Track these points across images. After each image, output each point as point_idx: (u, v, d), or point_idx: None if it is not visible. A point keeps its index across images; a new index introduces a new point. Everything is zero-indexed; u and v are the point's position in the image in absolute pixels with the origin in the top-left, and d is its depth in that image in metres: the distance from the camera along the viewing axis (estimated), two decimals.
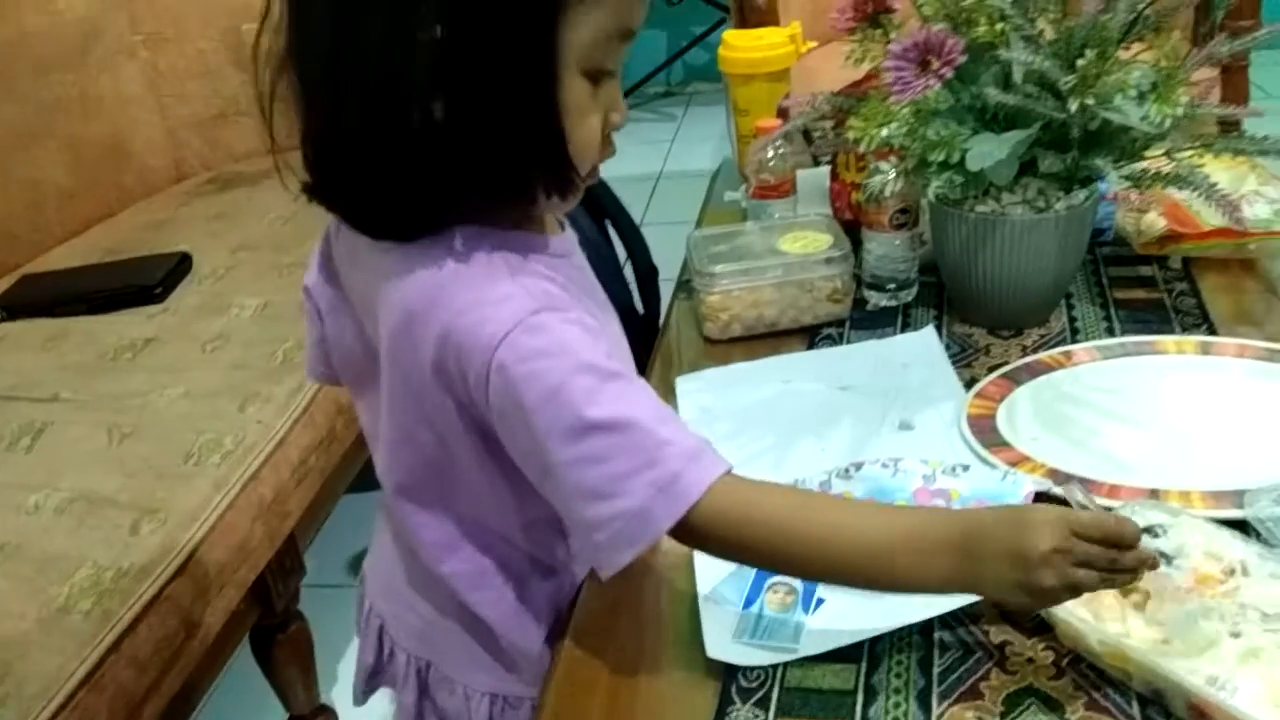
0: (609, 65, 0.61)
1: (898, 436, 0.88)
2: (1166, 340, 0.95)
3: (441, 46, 0.56)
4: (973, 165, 0.91)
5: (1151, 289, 1.07)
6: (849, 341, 1.04)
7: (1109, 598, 0.64)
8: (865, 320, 1.08)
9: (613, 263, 1.83)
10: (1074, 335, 1.01)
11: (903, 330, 1.05)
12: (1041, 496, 0.77)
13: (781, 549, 0.62)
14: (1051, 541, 0.57)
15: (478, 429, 0.64)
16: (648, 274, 1.50)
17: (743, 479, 0.62)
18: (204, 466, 1.03)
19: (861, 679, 0.67)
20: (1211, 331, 0.98)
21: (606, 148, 0.64)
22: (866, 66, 0.94)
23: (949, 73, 0.85)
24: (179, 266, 1.40)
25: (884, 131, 0.92)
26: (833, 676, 0.67)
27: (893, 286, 1.10)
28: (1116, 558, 0.58)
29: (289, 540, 1.13)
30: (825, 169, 1.25)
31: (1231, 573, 0.66)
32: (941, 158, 0.93)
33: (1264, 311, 1.06)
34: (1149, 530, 0.69)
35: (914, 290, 1.10)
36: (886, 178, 0.95)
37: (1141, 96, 0.89)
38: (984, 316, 1.03)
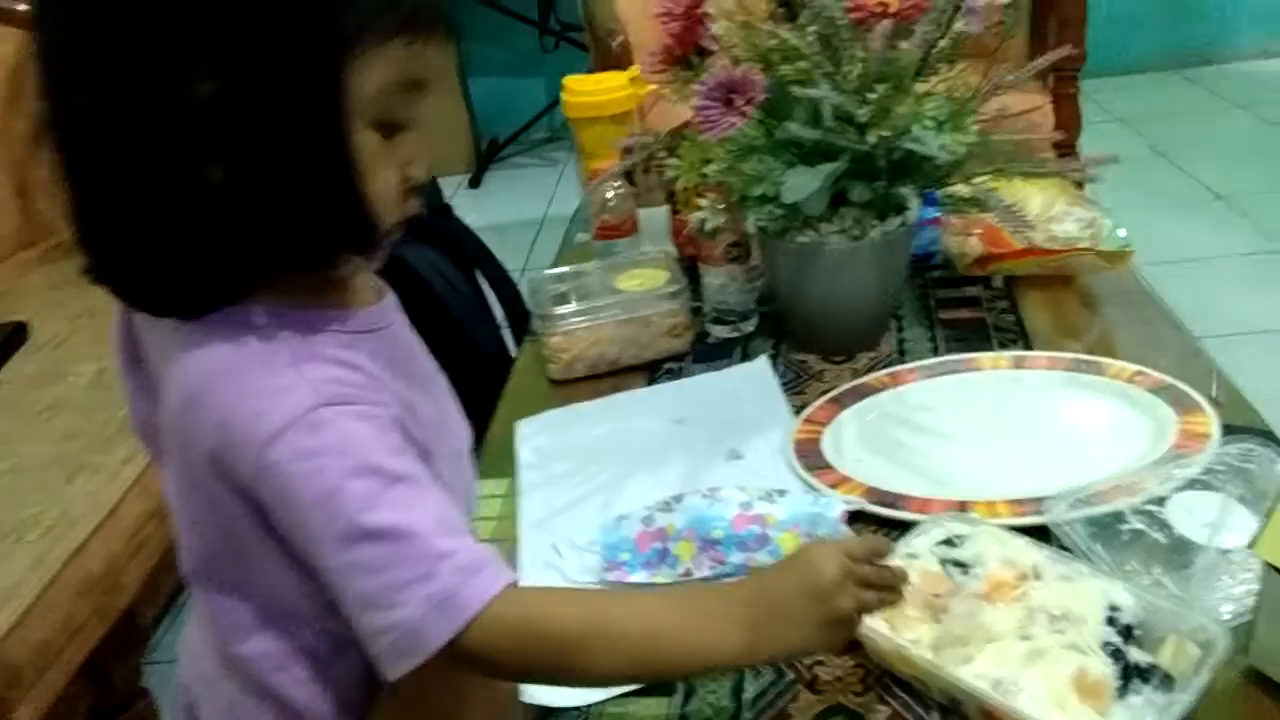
0: (400, 117, 0.58)
1: (728, 466, 0.89)
2: (983, 357, 0.99)
3: (215, 104, 0.52)
4: (787, 198, 0.93)
5: (975, 308, 1.11)
6: (689, 375, 1.06)
7: (910, 609, 0.66)
8: (707, 353, 1.09)
9: (483, 311, 1.83)
10: (903, 356, 1.04)
11: (743, 361, 1.07)
12: (855, 516, 0.79)
13: (566, 658, 0.57)
14: (835, 568, 0.58)
15: (264, 522, 0.59)
16: (520, 319, 1.51)
17: (527, 590, 0.59)
18: (22, 544, 0.98)
19: (676, 711, 0.67)
20: (1028, 347, 1.03)
21: (407, 202, 0.61)
22: (684, 107, 0.96)
23: (751, 110, 0.88)
24: (11, 338, 1.35)
25: (708, 168, 0.94)
26: (646, 711, 0.67)
27: (732, 319, 1.12)
28: (887, 574, 0.60)
29: (126, 615, 1.08)
30: (666, 208, 1.27)
31: (1025, 578, 0.68)
32: (759, 192, 0.96)
33: (1083, 325, 1.11)
34: (948, 541, 0.71)
35: (754, 322, 1.13)
36: (705, 214, 0.97)
37: (940, 126, 0.93)
38: (816, 343, 1.06)
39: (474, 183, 3.31)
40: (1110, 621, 0.62)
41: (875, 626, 0.64)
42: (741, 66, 0.91)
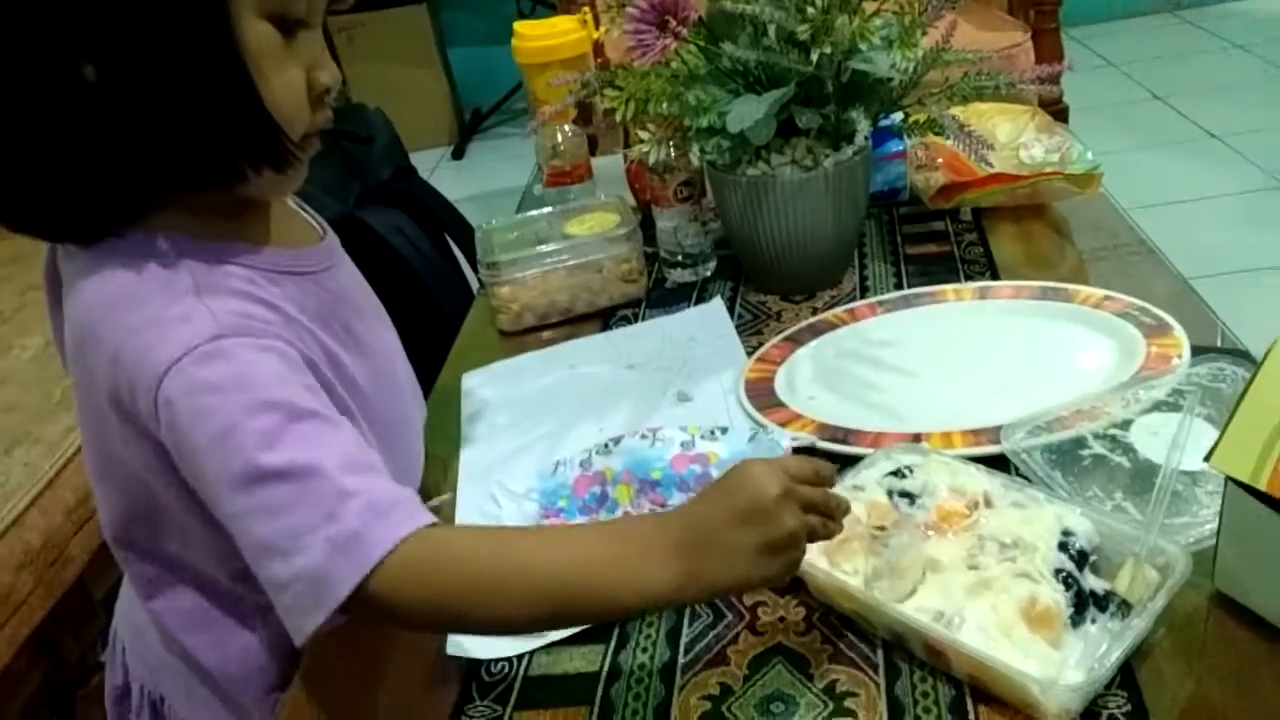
0: (299, 12, 0.54)
1: (675, 409, 0.85)
2: (946, 289, 0.94)
3: None
4: (732, 127, 0.89)
5: (942, 242, 1.07)
6: (645, 321, 1.01)
7: (853, 542, 0.62)
8: (664, 299, 1.05)
9: (450, 273, 1.79)
10: (864, 294, 0.99)
11: (699, 305, 1.02)
12: (800, 450, 0.75)
13: (483, 600, 0.51)
14: (776, 486, 0.52)
15: (169, 468, 0.55)
16: None
17: (439, 530, 0.53)
18: None
19: (608, 659, 0.63)
20: (995, 278, 0.98)
21: (319, 112, 0.57)
22: (616, 34, 0.91)
23: (685, 31, 0.83)
24: None
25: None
26: (580, 659, 0.63)
27: (689, 262, 1.07)
28: (830, 498, 0.55)
29: (75, 587, 1.05)
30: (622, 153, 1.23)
31: (975, 506, 0.64)
32: (704, 123, 0.91)
33: (1055, 255, 1.06)
34: (896, 473, 0.67)
35: (712, 264, 1.08)
36: (648, 147, 0.92)
37: (889, 45, 0.88)
38: (775, 282, 1.02)
39: (457, 154, 3.26)
40: (1063, 548, 0.58)
41: (814, 561, 0.60)
42: None
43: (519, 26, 1.29)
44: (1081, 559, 0.58)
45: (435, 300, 1.64)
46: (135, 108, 0.50)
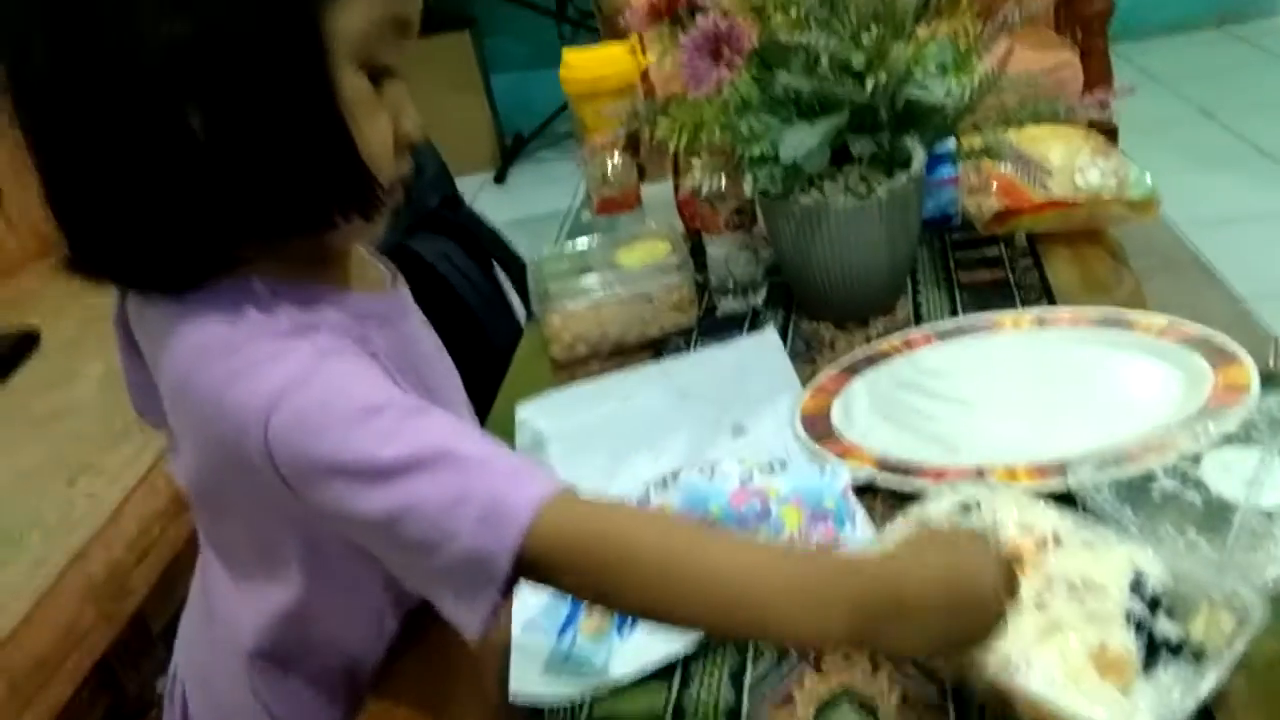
0: (388, 60, 0.55)
1: (731, 441, 0.84)
2: (1004, 316, 0.93)
3: (187, 45, 0.48)
4: (785, 156, 0.89)
5: (996, 269, 1.05)
6: (697, 349, 1.01)
7: None
8: (715, 327, 1.05)
9: (499, 303, 1.80)
10: (918, 322, 0.98)
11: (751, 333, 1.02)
12: (864, 489, 0.74)
13: (639, 582, 0.49)
14: (1005, 597, 0.50)
15: (285, 509, 0.54)
16: None
17: (589, 498, 0.51)
18: (22, 548, 0.97)
19: (672, 701, 0.62)
20: (1052, 304, 0.96)
21: (403, 160, 0.58)
22: (669, 64, 0.91)
23: (739, 62, 0.83)
24: (21, 343, 1.35)
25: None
26: (644, 699, 0.63)
27: (740, 290, 1.07)
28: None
29: (136, 620, 1.06)
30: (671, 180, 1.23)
31: (1044, 544, 0.63)
32: (757, 151, 0.91)
33: (1112, 279, 1.04)
34: (964, 507, 0.66)
35: (763, 292, 1.08)
36: (700, 175, 0.92)
37: (944, 71, 0.87)
38: (827, 311, 1.01)
39: (499, 178, 3.29)
40: (1135, 590, 0.57)
41: None
42: (732, 19, 0.86)
43: (567, 55, 1.30)
44: (1154, 602, 0.57)
45: (483, 328, 1.65)
46: (237, 157, 0.50)
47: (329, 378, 0.52)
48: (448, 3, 3.30)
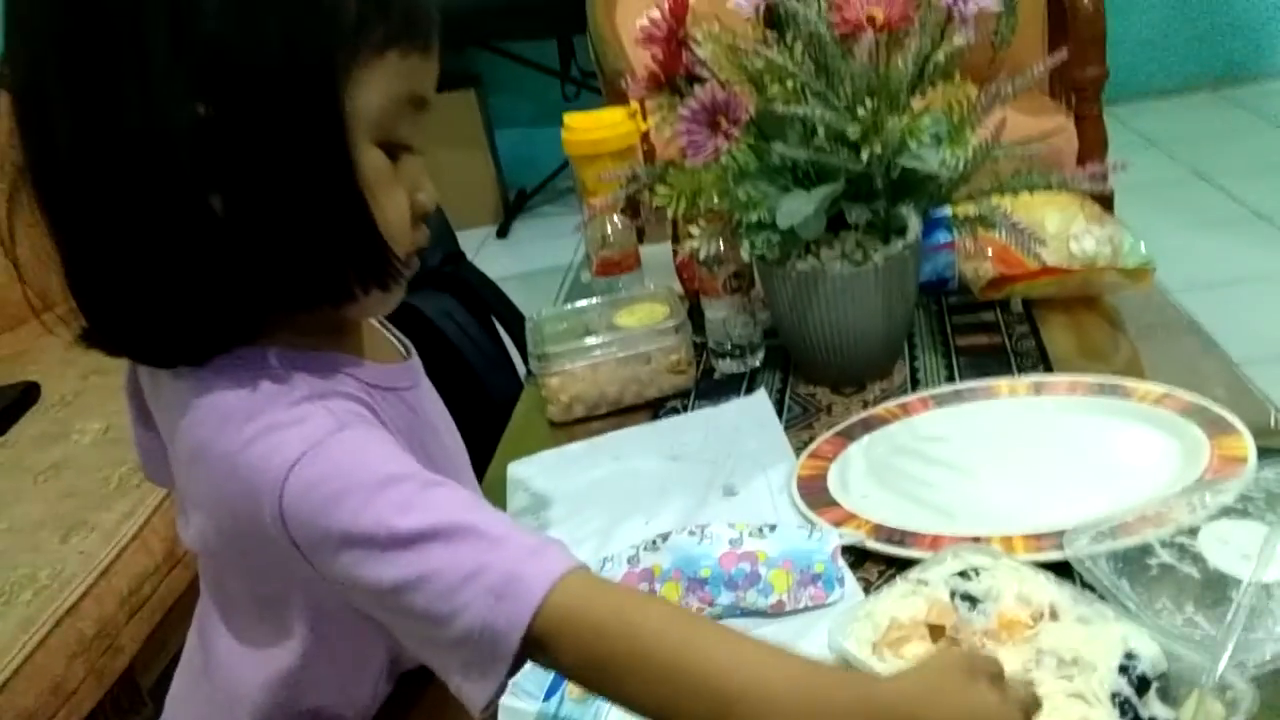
0: (404, 137, 0.56)
1: (722, 503, 0.84)
2: (1000, 383, 0.93)
3: (209, 125, 0.48)
4: (782, 223, 0.89)
5: (993, 334, 1.06)
6: (693, 412, 1.01)
7: (912, 640, 0.60)
8: (712, 390, 1.05)
9: (499, 359, 1.81)
10: (915, 386, 0.99)
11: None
12: (848, 550, 0.74)
13: (653, 663, 0.48)
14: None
15: (294, 574, 0.54)
16: None
17: (603, 580, 0.51)
18: (13, 605, 0.96)
19: None
20: (1049, 371, 0.97)
21: (417, 231, 0.58)
22: (667, 133, 0.93)
23: (737, 132, 0.84)
24: (22, 398, 1.35)
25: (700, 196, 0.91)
26: None
27: (738, 353, 1.07)
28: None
29: (124, 677, 1.05)
30: (669, 243, 1.24)
31: (1040, 617, 0.62)
32: (754, 218, 0.92)
33: (1109, 346, 1.05)
34: (963, 574, 0.66)
35: (760, 355, 1.08)
36: (698, 242, 0.93)
37: (938, 142, 0.89)
38: (824, 375, 1.01)
39: (501, 233, 3.32)
40: (1124, 671, 0.56)
41: (863, 658, 0.59)
42: (730, 89, 0.88)
43: (569, 119, 1.32)
44: (1143, 684, 0.56)
45: (483, 385, 1.66)
46: (257, 234, 0.51)
47: (347, 445, 0.52)
48: (454, 62, 3.35)
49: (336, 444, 0.52)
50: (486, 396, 1.65)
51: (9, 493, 1.16)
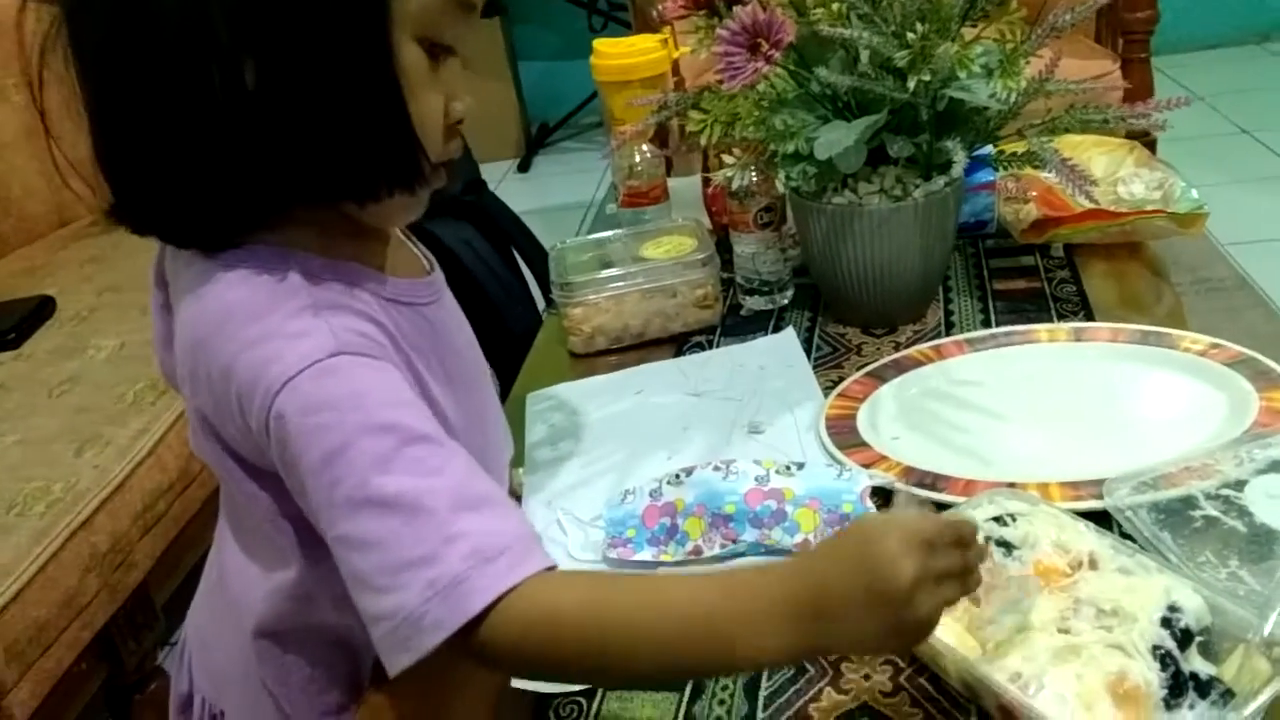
0: (447, 38, 0.53)
1: (747, 441, 0.82)
2: (1039, 329, 0.90)
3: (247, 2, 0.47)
4: (820, 154, 0.86)
5: (1032, 279, 1.02)
6: (718, 348, 0.99)
7: None
8: (738, 326, 1.02)
9: (518, 289, 1.78)
10: (949, 330, 0.96)
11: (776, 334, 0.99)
12: (878, 491, 0.71)
13: (584, 660, 0.49)
14: (912, 570, 0.47)
15: (272, 484, 0.54)
16: None
17: (544, 584, 0.49)
18: (27, 517, 0.95)
19: (682, 709, 0.60)
20: (1090, 319, 0.93)
21: (452, 140, 0.56)
22: (704, 55, 0.89)
23: (778, 56, 0.80)
24: (38, 311, 1.33)
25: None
26: (651, 707, 0.61)
27: (766, 290, 1.04)
28: (968, 560, 0.50)
29: (138, 592, 1.05)
30: (699, 175, 1.21)
31: (1079, 565, 0.60)
32: (791, 148, 0.89)
33: (1151, 296, 1.01)
34: (998, 519, 0.64)
35: (789, 293, 1.05)
36: (732, 172, 0.90)
37: (989, 73, 0.84)
38: (855, 314, 0.98)
39: (523, 167, 3.27)
40: (1166, 624, 0.54)
41: None
42: (772, 10, 0.83)
43: (598, 44, 1.28)
44: (1186, 638, 0.54)
45: (502, 314, 1.63)
46: (288, 116, 0.49)
47: (342, 377, 0.51)
48: None
49: (332, 371, 0.50)
50: (504, 327, 1.62)
51: (24, 405, 1.15)
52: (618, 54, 1.26)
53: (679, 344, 1.01)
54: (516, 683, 0.61)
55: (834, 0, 0.84)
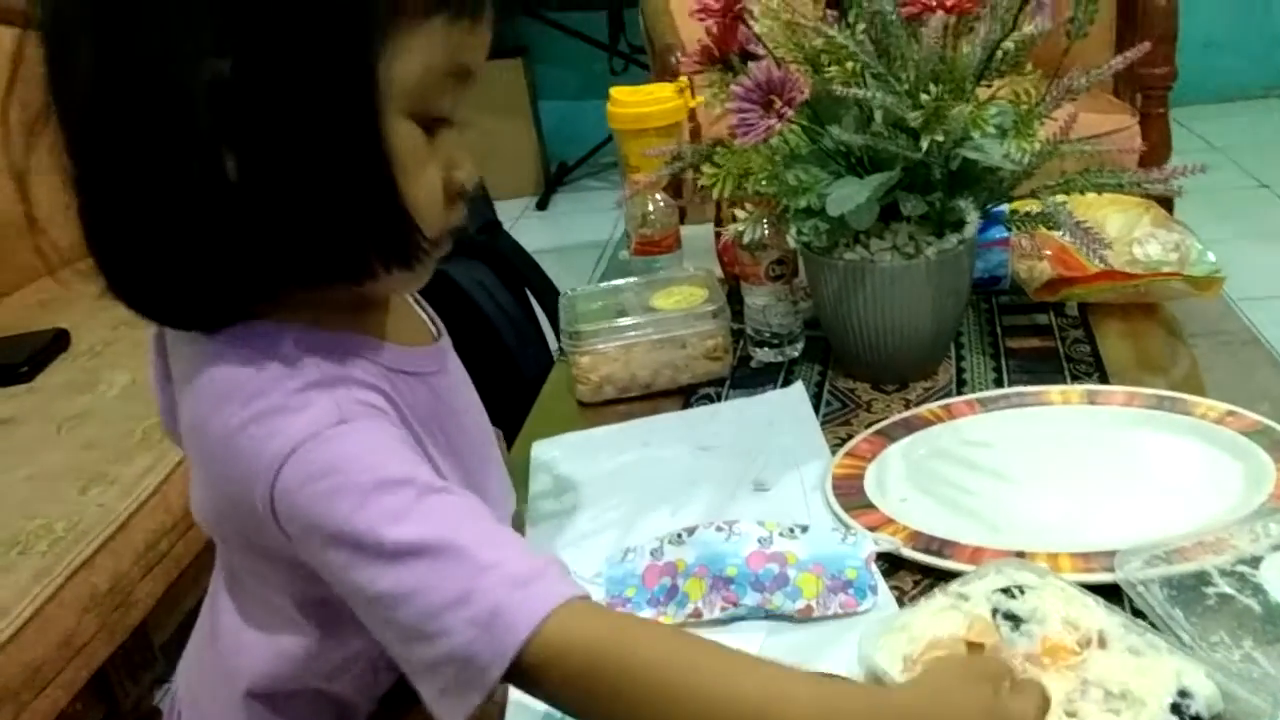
0: (443, 110, 0.52)
1: (751, 499, 0.81)
2: (1052, 390, 0.89)
3: (229, 84, 0.46)
4: (832, 210, 0.86)
5: (1046, 337, 1.01)
6: (726, 400, 0.98)
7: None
8: (747, 379, 1.01)
9: (531, 332, 1.78)
10: (960, 387, 0.95)
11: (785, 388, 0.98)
12: (882, 557, 0.70)
13: (655, 701, 0.47)
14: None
15: (286, 558, 0.53)
16: None
17: (600, 609, 0.50)
18: (29, 555, 0.95)
19: None
20: (1104, 380, 0.92)
21: (453, 211, 0.55)
22: (718, 111, 0.89)
23: (791, 113, 0.81)
24: (51, 345, 1.34)
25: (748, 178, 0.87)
26: None
27: (776, 342, 1.04)
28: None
29: (137, 632, 1.04)
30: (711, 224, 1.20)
31: (1088, 643, 0.59)
32: (803, 204, 0.88)
33: (1167, 358, 1.00)
34: (1007, 590, 0.62)
35: (800, 345, 1.04)
36: (743, 226, 0.90)
37: (1003, 134, 0.84)
38: (865, 370, 0.97)
39: (541, 205, 3.29)
40: (1176, 710, 0.52)
41: (893, 673, 0.56)
42: (786, 68, 0.84)
43: (615, 92, 1.29)
44: None
45: (514, 357, 1.63)
46: (272, 203, 0.48)
47: (348, 440, 0.50)
48: (502, 30, 3.31)
49: (337, 437, 0.49)
50: (516, 370, 1.62)
51: (33, 440, 1.16)
52: (634, 101, 1.27)
53: (687, 395, 1.00)
54: None
55: (848, 59, 0.84)
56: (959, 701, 0.46)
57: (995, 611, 0.61)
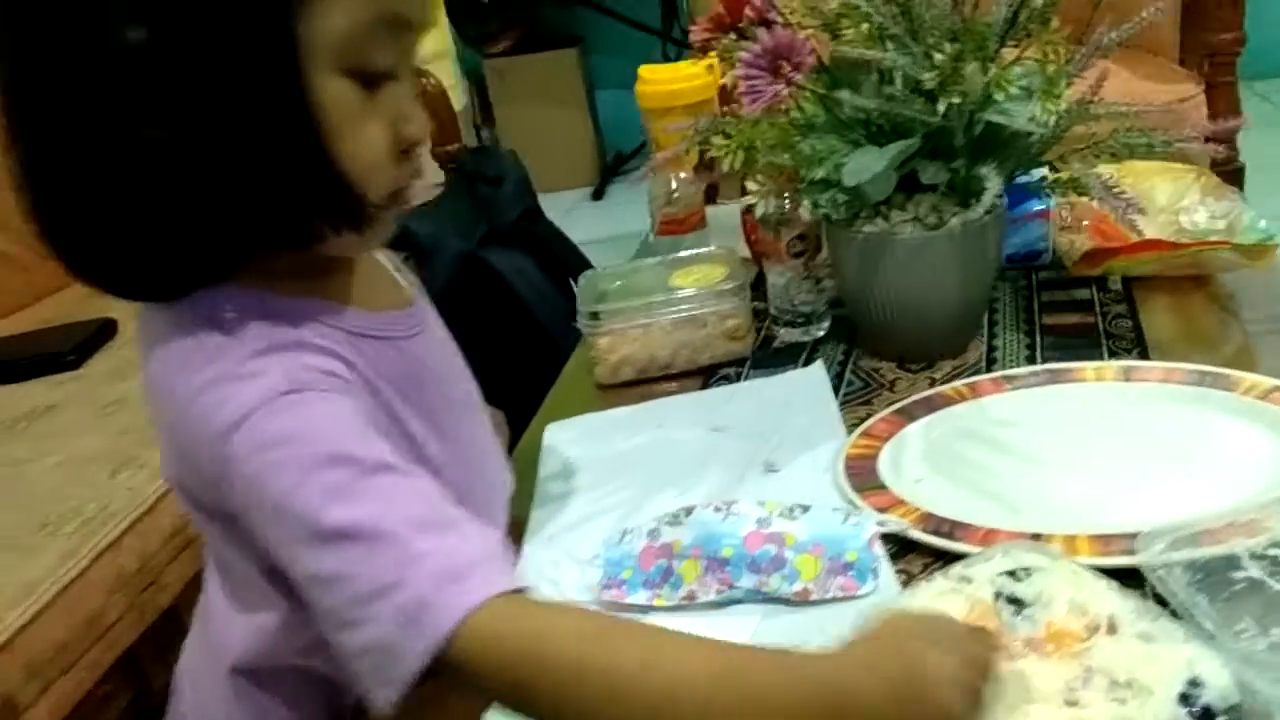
0: (381, 64, 0.50)
1: (761, 480, 0.78)
2: (1086, 367, 0.84)
3: (145, 52, 0.46)
4: (848, 180, 0.82)
5: (1086, 313, 0.96)
6: (744, 382, 0.95)
7: None
8: (769, 359, 0.98)
9: (573, 318, 1.77)
10: (990, 366, 0.90)
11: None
12: (893, 539, 0.67)
13: (573, 691, 0.47)
14: (961, 701, 0.46)
15: (239, 529, 0.53)
16: None
17: (530, 601, 0.48)
18: (56, 536, 0.97)
19: None
20: (1144, 356, 0.87)
21: (403, 165, 0.53)
22: (729, 79, 0.86)
23: (799, 77, 0.77)
24: (98, 333, 1.37)
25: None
26: None
27: (800, 321, 1.00)
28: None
29: (168, 615, 1.05)
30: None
31: (1096, 629, 0.55)
32: (820, 174, 0.85)
33: (1217, 333, 0.94)
34: (1011, 573, 0.59)
35: (825, 324, 1.01)
36: (756, 199, 0.87)
37: (1028, 95, 0.80)
38: (890, 349, 0.94)
39: (597, 195, 3.28)
40: (1184, 700, 0.48)
41: None
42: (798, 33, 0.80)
43: (643, 71, 1.27)
44: (1206, 716, 0.48)
45: (553, 344, 1.62)
46: (202, 170, 0.48)
47: (299, 412, 0.50)
48: (557, 20, 3.32)
49: (289, 407, 0.49)
50: (556, 357, 1.61)
51: (74, 424, 1.18)
52: (661, 80, 1.25)
53: (707, 376, 0.98)
54: None
55: (865, 20, 0.81)
56: (884, 660, 0.46)
57: (998, 594, 0.57)
